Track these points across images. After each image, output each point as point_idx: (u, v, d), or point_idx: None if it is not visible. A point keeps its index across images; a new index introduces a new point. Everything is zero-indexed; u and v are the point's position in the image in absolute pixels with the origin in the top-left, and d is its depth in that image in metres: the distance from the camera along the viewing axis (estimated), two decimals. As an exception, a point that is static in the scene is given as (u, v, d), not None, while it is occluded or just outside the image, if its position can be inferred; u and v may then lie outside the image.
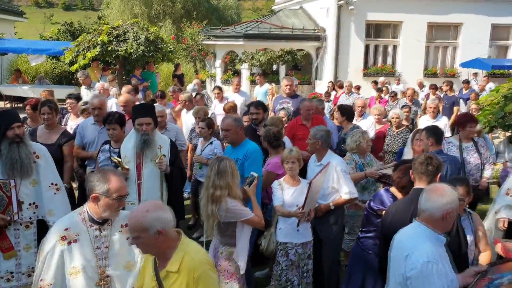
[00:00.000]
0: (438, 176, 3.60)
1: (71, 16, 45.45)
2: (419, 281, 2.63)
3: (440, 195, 2.78)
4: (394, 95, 11.93)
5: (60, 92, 13.65)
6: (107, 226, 3.11)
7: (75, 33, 24.53)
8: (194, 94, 9.31)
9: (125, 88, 8.69)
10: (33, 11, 53.23)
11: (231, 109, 7.79)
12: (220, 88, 9.72)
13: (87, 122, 6.06)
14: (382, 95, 12.49)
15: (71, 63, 14.49)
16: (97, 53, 13.71)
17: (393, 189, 4.15)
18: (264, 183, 4.98)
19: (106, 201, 2.99)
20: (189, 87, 11.62)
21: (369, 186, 5.47)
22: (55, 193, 4.24)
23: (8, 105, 16.11)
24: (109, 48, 13.80)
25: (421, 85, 14.93)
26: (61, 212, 4.17)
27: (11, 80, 18.02)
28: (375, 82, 14.69)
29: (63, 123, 7.20)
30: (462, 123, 5.88)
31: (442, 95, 12.02)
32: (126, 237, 3.11)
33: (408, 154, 5.93)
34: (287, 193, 4.51)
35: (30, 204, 4.17)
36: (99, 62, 14.34)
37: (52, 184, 4.25)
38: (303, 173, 4.95)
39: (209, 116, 7.74)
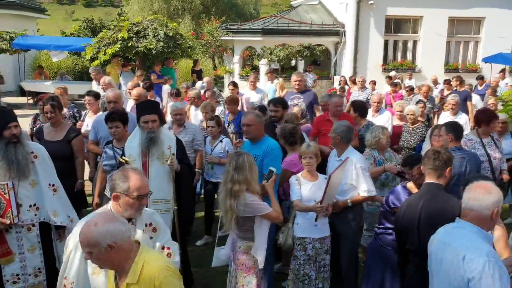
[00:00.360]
0: (448, 170, 3.56)
1: (92, 12, 46.00)
2: (486, 281, 2.53)
3: (488, 193, 2.69)
4: (410, 90, 11.81)
5: (81, 88, 13.88)
6: (130, 226, 3.02)
7: (96, 29, 24.86)
8: (203, 91, 9.23)
9: (131, 83, 8.66)
10: (55, 8, 54.02)
11: (232, 101, 7.69)
12: (235, 85, 9.58)
13: (102, 117, 5.92)
14: (396, 89, 12.32)
15: (92, 59, 14.70)
16: (117, 49, 13.86)
17: (410, 185, 4.14)
18: (280, 180, 4.96)
19: (127, 200, 2.96)
20: (198, 84, 11.62)
21: (388, 183, 5.44)
22: (53, 194, 4.15)
23: (31, 101, 16.42)
24: (129, 44, 13.94)
25: (436, 82, 14.69)
26: (64, 212, 4.18)
27: (34, 76, 18.37)
28: (389, 77, 14.53)
29: (81, 119, 7.23)
30: (487, 120, 5.81)
31: (451, 91, 11.83)
32: (150, 237, 3.10)
33: (426, 150, 5.89)
34: (305, 188, 4.52)
35: (30, 206, 4.05)
36: (119, 58, 14.52)
37: (50, 184, 4.15)
38: (323, 168, 4.96)
39: (220, 112, 7.74)
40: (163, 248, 3.16)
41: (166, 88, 11.22)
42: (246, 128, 4.81)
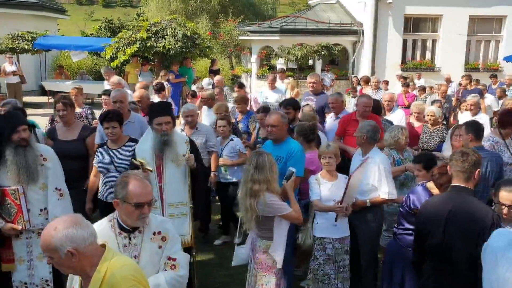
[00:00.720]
0: (476, 172, 3.43)
1: (111, 13, 46.49)
2: None
3: None
4: (422, 89, 11.64)
5: (101, 88, 14.02)
6: (137, 234, 2.92)
7: (115, 29, 25.12)
8: (210, 86, 9.18)
9: (139, 84, 8.68)
10: (75, 8, 54.69)
11: (242, 101, 7.60)
12: (240, 86, 9.42)
13: None
14: (408, 90, 12.13)
15: (112, 59, 14.87)
16: (136, 49, 14.01)
17: (430, 185, 4.09)
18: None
19: (126, 207, 2.83)
20: (205, 81, 11.57)
21: (407, 183, 5.40)
22: (58, 199, 4.03)
23: (52, 100, 16.68)
24: (148, 44, 14.08)
25: (449, 81, 14.43)
26: None
27: (55, 76, 18.65)
28: (404, 78, 14.35)
29: (98, 118, 7.26)
30: None
31: (462, 91, 11.67)
32: (158, 246, 2.96)
33: (447, 150, 5.83)
34: (324, 188, 4.52)
35: (41, 210, 3.98)
36: (138, 58, 14.66)
37: (56, 189, 4.04)
38: (347, 168, 4.94)
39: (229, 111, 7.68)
40: (169, 258, 2.98)
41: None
42: (271, 128, 4.68)
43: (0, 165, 3.83)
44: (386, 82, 13.18)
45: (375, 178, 4.57)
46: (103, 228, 2.90)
